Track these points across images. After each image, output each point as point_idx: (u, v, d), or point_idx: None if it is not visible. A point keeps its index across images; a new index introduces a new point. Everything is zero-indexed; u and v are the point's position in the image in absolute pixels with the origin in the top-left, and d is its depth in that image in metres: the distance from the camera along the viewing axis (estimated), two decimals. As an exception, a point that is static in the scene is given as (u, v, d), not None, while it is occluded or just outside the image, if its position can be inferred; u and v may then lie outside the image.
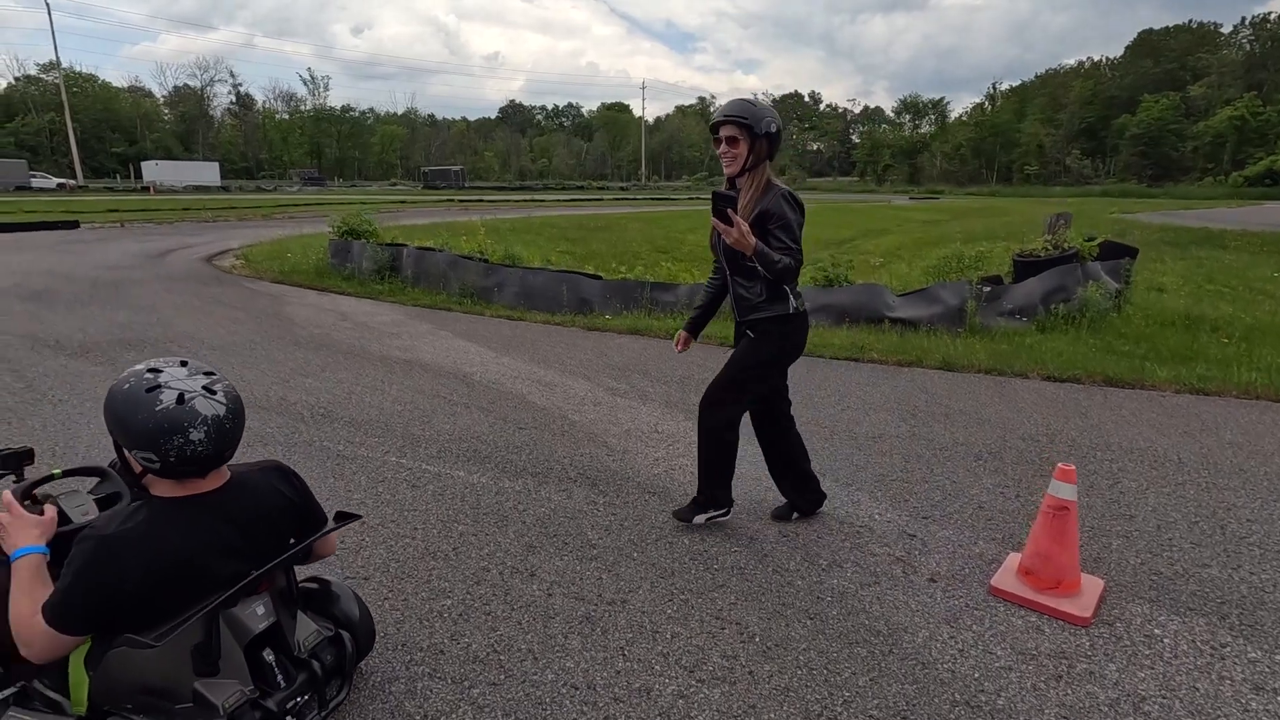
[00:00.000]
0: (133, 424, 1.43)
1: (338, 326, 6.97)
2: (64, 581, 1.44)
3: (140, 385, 1.45)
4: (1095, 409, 4.65)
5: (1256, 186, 48.03)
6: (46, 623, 1.43)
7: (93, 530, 1.48)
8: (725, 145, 2.48)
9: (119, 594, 1.46)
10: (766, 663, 2.05)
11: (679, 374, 5.42)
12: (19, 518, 1.66)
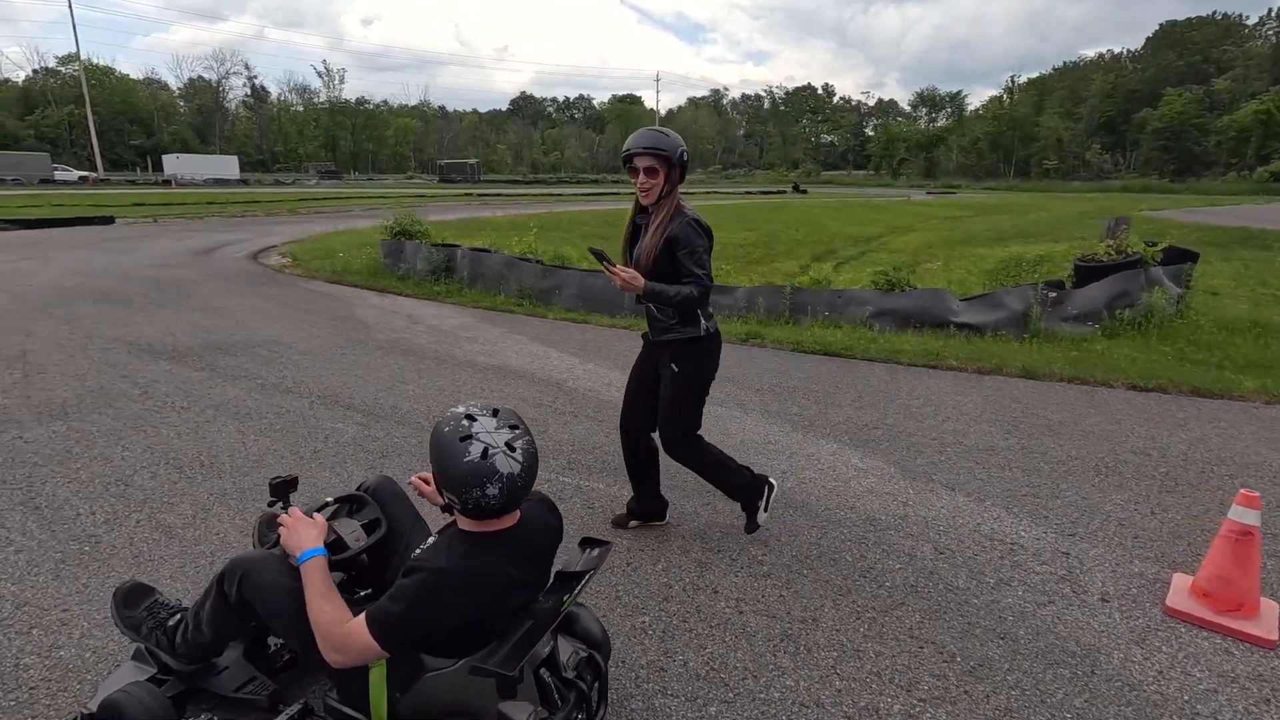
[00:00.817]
0: (444, 467, 1.53)
1: (411, 330, 7.07)
2: (397, 605, 1.53)
3: (456, 432, 1.54)
4: (1192, 421, 4.69)
5: (1281, 182, 47.47)
6: (372, 635, 1.53)
7: (423, 561, 1.57)
8: (644, 176, 2.50)
9: (444, 622, 1.55)
10: (977, 683, 2.13)
11: (767, 382, 5.48)
12: (299, 521, 1.77)
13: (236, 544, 2.87)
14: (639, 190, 2.56)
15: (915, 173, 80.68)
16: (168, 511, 3.13)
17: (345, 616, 1.62)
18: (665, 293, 2.50)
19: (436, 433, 1.56)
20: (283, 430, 4.16)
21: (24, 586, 2.53)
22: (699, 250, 2.55)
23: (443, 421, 1.57)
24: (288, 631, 1.69)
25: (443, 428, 1.56)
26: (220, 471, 3.56)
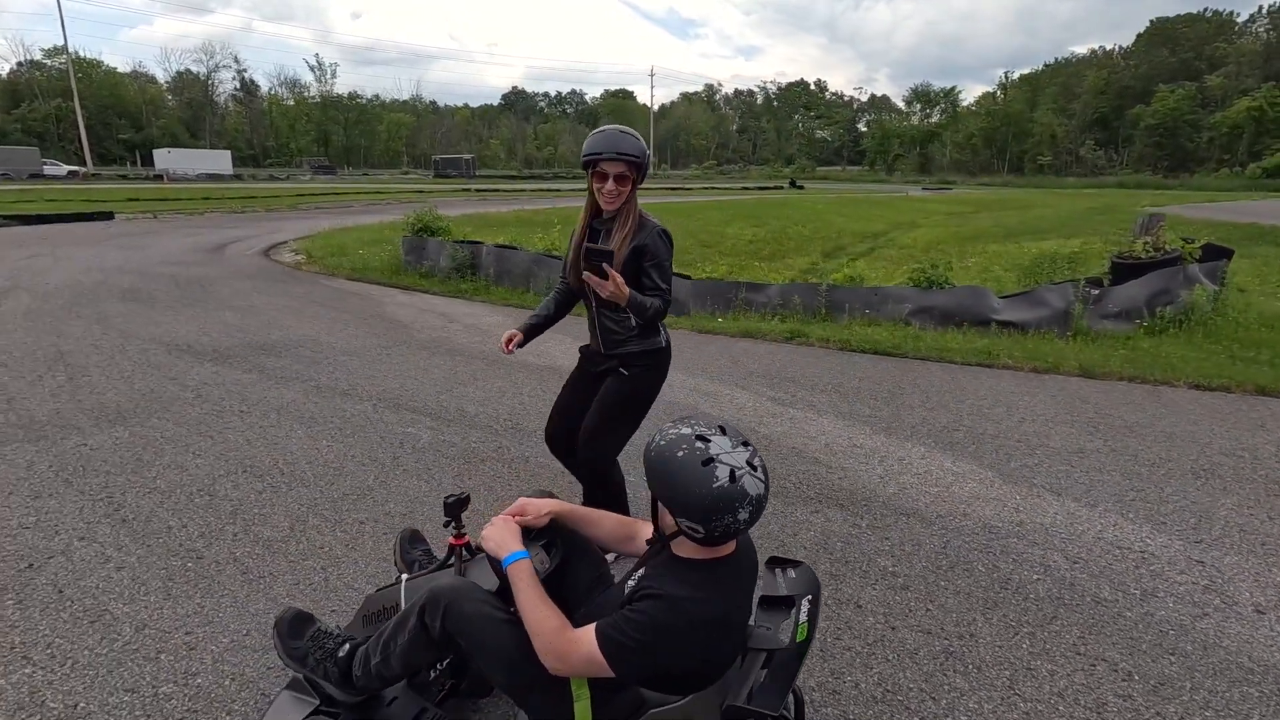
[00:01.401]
0: (687, 495, 1.41)
1: (449, 329, 6.93)
2: (634, 629, 1.43)
3: (695, 456, 1.42)
4: (1269, 421, 4.63)
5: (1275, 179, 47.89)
6: (601, 651, 1.44)
7: (658, 588, 1.46)
8: (613, 183, 2.28)
9: (682, 653, 1.44)
10: (1166, 704, 2.04)
11: (828, 382, 5.39)
12: (504, 525, 1.67)
13: (344, 558, 2.74)
14: (603, 197, 2.33)
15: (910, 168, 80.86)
16: (261, 524, 2.99)
17: (565, 622, 1.52)
18: (644, 305, 2.32)
19: (666, 458, 1.44)
20: (354, 435, 4.03)
21: (137, 607, 2.40)
22: (666, 265, 2.39)
23: (669, 445, 1.45)
24: (496, 663, 1.58)
25: (674, 452, 1.44)
26: (303, 480, 3.43)
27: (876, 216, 25.28)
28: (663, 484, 1.44)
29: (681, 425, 1.49)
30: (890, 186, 59.59)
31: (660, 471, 1.44)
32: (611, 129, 2.32)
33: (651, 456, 1.46)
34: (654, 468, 1.45)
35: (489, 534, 1.69)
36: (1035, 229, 20.31)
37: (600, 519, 1.90)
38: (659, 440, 1.47)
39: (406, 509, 3.17)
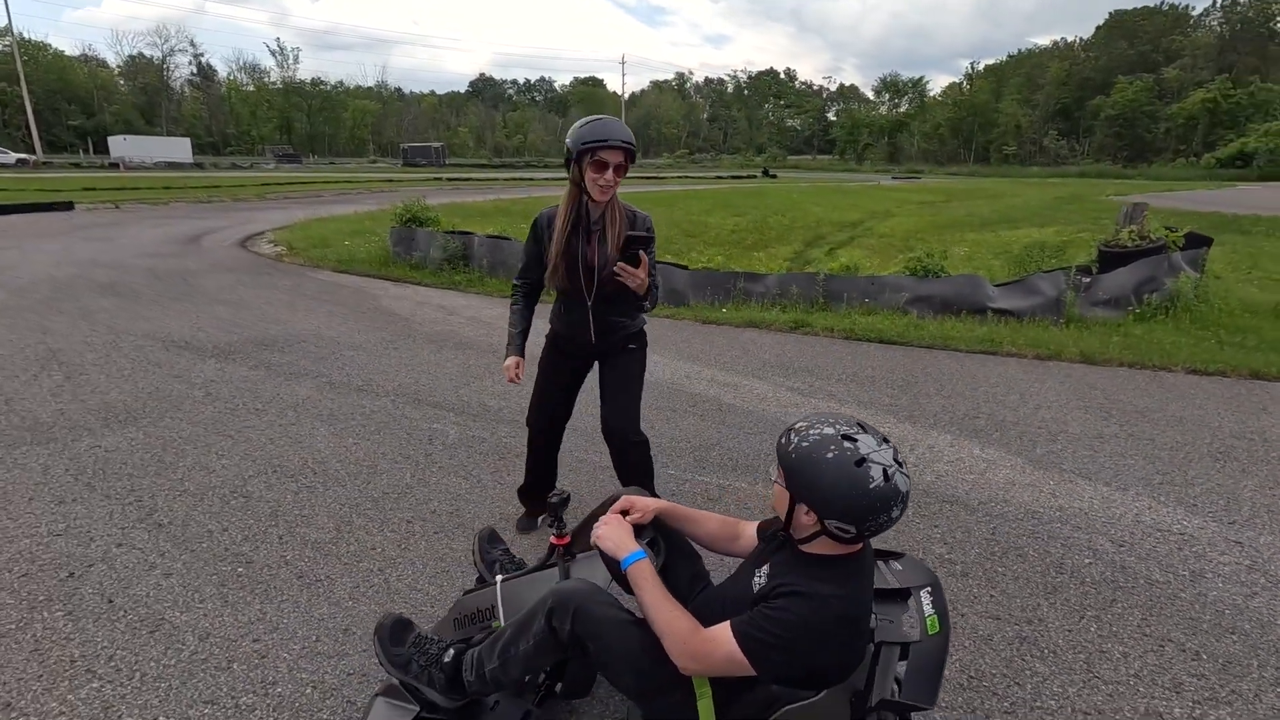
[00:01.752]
0: (841, 496, 1.39)
1: (451, 322, 6.82)
2: (778, 627, 1.41)
3: (846, 457, 1.40)
4: (1271, 405, 4.80)
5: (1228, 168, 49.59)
6: (741, 650, 1.42)
7: (800, 586, 1.44)
8: (612, 172, 2.24)
9: (826, 651, 1.44)
10: (1238, 681, 2.11)
11: (842, 371, 5.43)
12: (618, 524, 1.65)
13: (399, 559, 2.69)
14: (599, 187, 2.26)
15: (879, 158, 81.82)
16: (305, 525, 2.91)
17: (696, 622, 1.51)
18: (657, 288, 2.38)
19: (814, 459, 1.41)
20: (378, 432, 3.94)
21: (195, 615, 2.32)
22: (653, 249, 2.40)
23: (815, 446, 1.43)
24: (624, 665, 1.56)
25: (823, 453, 1.41)
26: (338, 479, 3.34)
27: (851, 205, 25.53)
28: (809, 485, 1.42)
29: (822, 425, 1.46)
30: (861, 175, 60.22)
31: (807, 473, 1.42)
32: (604, 118, 2.28)
33: (794, 459, 1.44)
34: (799, 469, 1.43)
35: (605, 534, 1.66)
36: (1009, 218, 20.71)
37: (704, 518, 1.88)
38: (799, 441, 1.45)
39: (451, 507, 3.11)
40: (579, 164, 2.26)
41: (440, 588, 2.51)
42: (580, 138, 2.23)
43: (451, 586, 2.52)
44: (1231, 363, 5.69)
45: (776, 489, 1.53)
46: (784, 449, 1.47)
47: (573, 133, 2.28)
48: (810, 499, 1.42)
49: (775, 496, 1.54)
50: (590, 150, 2.22)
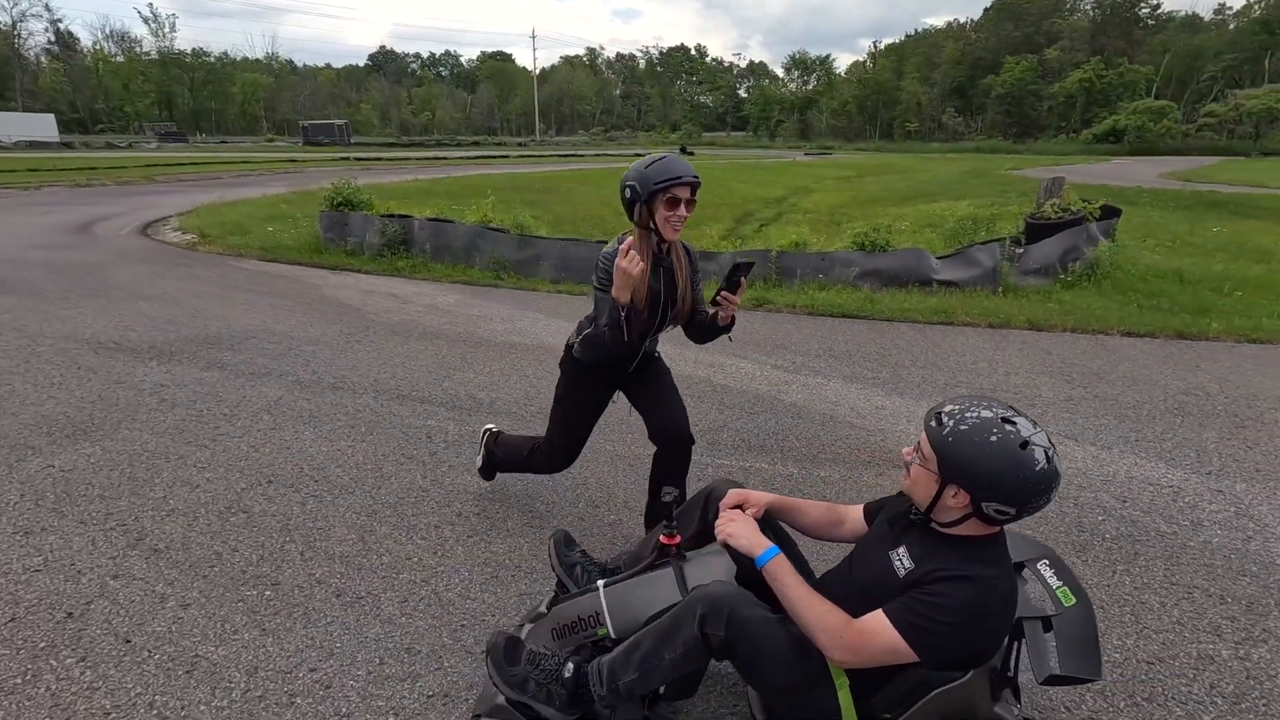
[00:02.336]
0: (1006, 479, 1.39)
1: (407, 311, 6.49)
2: (941, 612, 1.41)
3: (1010, 440, 1.40)
4: (1202, 362, 5.26)
5: (1103, 144, 53.86)
6: (903, 637, 1.42)
7: (961, 570, 1.44)
8: (684, 209, 2.22)
9: (989, 633, 1.45)
10: (1265, 619, 2.31)
11: (816, 347, 5.55)
12: (746, 521, 1.61)
13: (440, 567, 2.54)
14: (671, 224, 2.23)
15: (791, 134, 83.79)
16: (324, 538, 2.70)
17: (845, 613, 1.49)
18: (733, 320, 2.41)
19: (976, 443, 1.40)
20: (371, 432, 3.70)
21: (233, 648, 2.10)
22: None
23: (976, 430, 1.41)
24: (772, 667, 1.51)
25: (985, 436, 1.41)
26: (344, 486, 3.12)
27: (773, 182, 26.02)
28: (970, 469, 1.41)
29: (977, 407, 1.46)
30: (775, 152, 61.48)
31: (968, 457, 1.41)
32: (667, 156, 2.27)
33: (953, 443, 1.43)
34: (958, 453, 1.42)
35: (736, 531, 1.61)
36: (924, 192, 21.67)
37: (808, 507, 1.87)
38: (956, 425, 1.44)
39: (476, 508, 2.97)
40: (648, 205, 2.21)
41: (494, 594, 2.39)
42: (650, 178, 2.19)
43: (505, 593, 2.40)
44: (1157, 325, 6.20)
45: (917, 472, 1.52)
46: (937, 433, 1.46)
47: (638, 176, 2.21)
48: (969, 483, 1.42)
49: (914, 480, 1.53)
50: (664, 189, 2.18)
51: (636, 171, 2.22)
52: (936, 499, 1.50)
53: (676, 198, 2.21)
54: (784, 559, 1.57)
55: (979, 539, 1.51)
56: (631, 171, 2.24)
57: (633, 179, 2.22)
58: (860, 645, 1.45)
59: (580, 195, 18.33)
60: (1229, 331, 6.03)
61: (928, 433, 1.50)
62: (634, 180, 2.21)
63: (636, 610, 1.73)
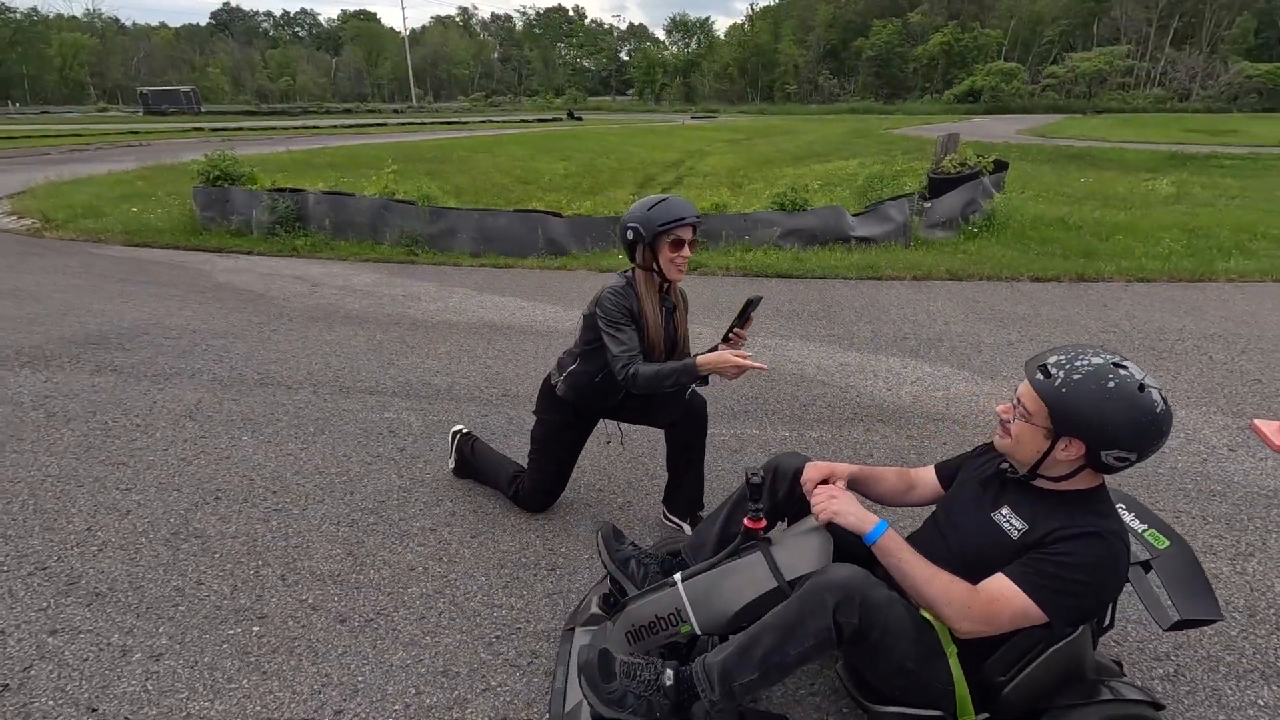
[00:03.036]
0: (1129, 426, 1.35)
1: (323, 294, 5.91)
2: (1074, 571, 1.37)
3: (1127, 383, 1.36)
4: (1109, 301, 5.71)
5: (963, 103, 57.78)
6: (1035, 601, 1.38)
7: (1088, 526, 1.40)
8: (688, 249, 2.21)
9: (1116, 583, 1.43)
10: (1244, 534, 2.50)
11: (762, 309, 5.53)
12: (847, 496, 1.53)
13: (450, 575, 2.29)
14: (676, 266, 2.21)
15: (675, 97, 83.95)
16: (304, 557, 2.37)
17: (967, 583, 1.44)
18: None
19: (1094, 390, 1.35)
20: (321, 431, 3.31)
21: (232, 699, 1.79)
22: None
23: (1091, 377, 1.36)
24: (901, 649, 1.42)
25: (1103, 383, 1.36)
26: (310, 494, 2.76)
27: (667, 145, 26.06)
28: (1088, 419, 1.36)
29: (1085, 355, 1.41)
30: (662, 116, 61.39)
31: (1086, 406, 1.36)
32: (668, 197, 2.20)
33: (1068, 394, 1.37)
34: (1076, 403, 1.37)
35: (843, 508, 1.51)
36: (814, 152, 22.38)
37: (883, 474, 1.79)
38: (1068, 375, 1.39)
39: (470, 505, 2.71)
40: (652, 246, 2.19)
41: (520, 598, 2.19)
42: (655, 220, 2.15)
43: (532, 595, 2.20)
44: (1059, 269, 6.68)
45: (1021, 429, 1.47)
46: (1048, 386, 1.41)
47: (640, 218, 2.17)
48: (1088, 432, 1.38)
49: (1017, 438, 1.48)
50: (667, 230, 2.15)
51: (639, 213, 2.18)
52: (1046, 454, 1.45)
53: (681, 239, 2.19)
54: (895, 533, 1.48)
55: (1088, 492, 1.48)
56: (633, 213, 2.20)
57: (635, 220, 2.18)
58: (990, 615, 1.40)
59: (478, 164, 17.53)
60: (1119, 273, 6.59)
61: (1035, 386, 1.44)
62: (636, 222, 2.17)
63: (724, 603, 1.60)
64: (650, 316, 2.26)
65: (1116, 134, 26.55)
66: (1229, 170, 15.60)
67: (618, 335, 2.21)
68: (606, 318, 2.22)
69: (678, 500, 2.53)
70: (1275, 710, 1.78)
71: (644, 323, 2.25)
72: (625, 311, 2.23)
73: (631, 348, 2.21)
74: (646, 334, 2.26)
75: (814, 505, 1.56)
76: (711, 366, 2.09)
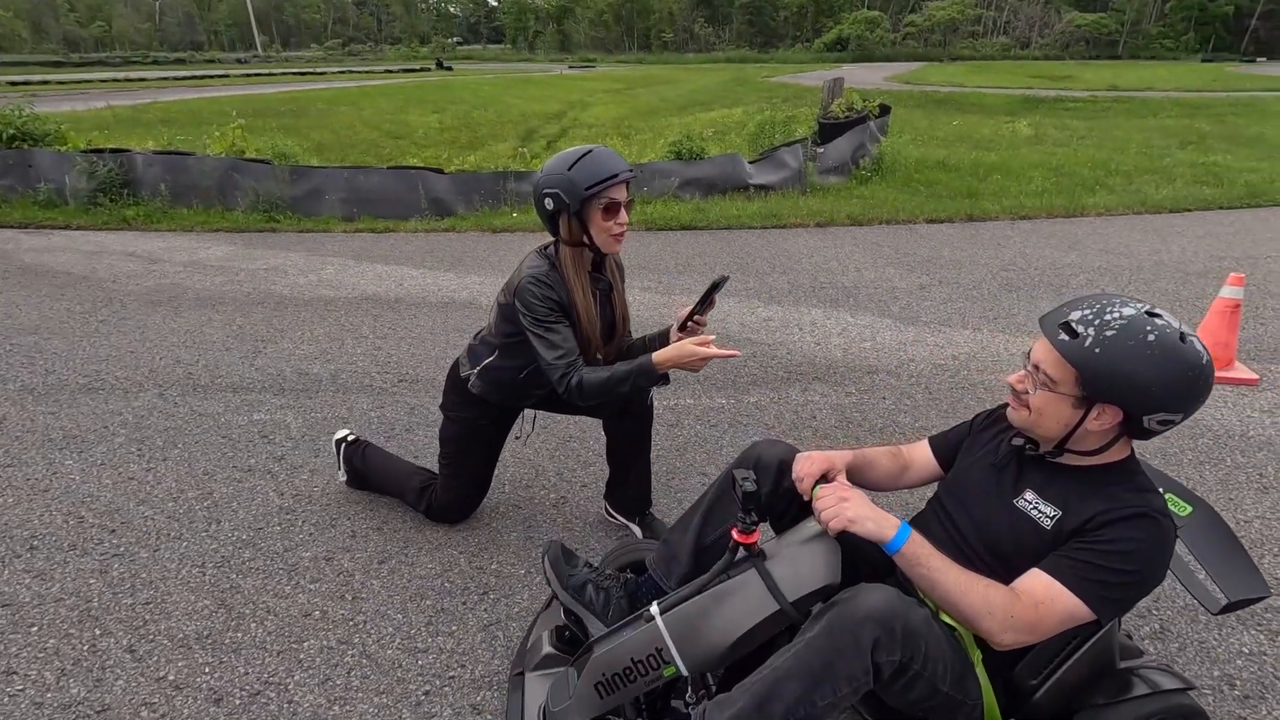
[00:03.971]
0: (1177, 382, 1.15)
1: (164, 273, 5.01)
2: (1125, 561, 1.18)
3: (1168, 336, 1.15)
4: (1001, 240, 5.87)
5: (832, 51, 59.38)
6: (1082, 600, 1.18)
7: (1137, 506, 1.20)
8: (624, 212, 1.78)
9: (1165, 566, 1.25)
10: (1213, 469, 2.51)
11: (672, 263, 5.27)
12: (861, 498, 1.26)
13: (358, 618, 1.87)
14: (614, 235, 1.78)
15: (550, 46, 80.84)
16: (160, 616, 1.86)
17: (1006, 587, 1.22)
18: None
19: (1132, 347, 1.13)
20: (172, 445, 2.70)
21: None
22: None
23: (1128, 331, 1.15)
24: (939, 678, 1.19)
25: (1142, 336, 1.14)
26: (162, 532, 2.21)
27: (547, 96, 24.97)
28: (1129, 380, 1.15)
29: (1115, 306, 1.19)
30: (539, 66, 58.96)
31: (1125, 366, 1.14)
32: (592, 149, 1.75)
33: (1102, 354, 1.15)
34: (1113, 364, 1.14)
35: (859, 514, 1.23)
36: (698, 101, 22.14)
37: (876, 458, 1.55)
38: (1101, 332, 1.16)
39: (374, 522, 2.27)
40: (580, 216, 1.73)
41: (453, 638, 1.81)
42: (577, 182, 1.70)
43: (464, 631, 1.83)
44: (950, 210, 6.83)
45: (1044, 401, 1.24)
46: (1076, 347, 1.18)
47: (559, 180, 1.71)
48: (1128, 396, 1.17)
49: (1039, 411, 1.26)
50: (597, 193, 1.70)
51: (557, 174, 1.72)
52: (1077, 427, 1.24)
53: (615, 201, 1.74)
54: (920, 536, 1.24)
55: (1121, 464, 1.29)
56: (549, 175, 1.74)
57: (554, 185, 1.72)
58: (1035, 621, 1.19)
59: (340, 118, 16.01)
60: (1003, 212, 6.83)
61: (1060, 349, 1.20)
62: (555, 187, 1.72)
63: (716, 635, 1.31)
64: (582, 305, 1.82)
65: (973, 80, 28.11)
66: (1074, 112, 16.86)
67: (548, 338, 1.77)
68: (532, 317, 1.78)
69: (623, 497, 2.20)
70: (1260, 656, 1.75)
71: (575, 314, 1.82)
72: (553, 306, 1.78)
73: (568, 351, 1.78)
74: (579, 327, 1.83)
75: (820, 511, 1.28)
76: (673, 363, 1.70)
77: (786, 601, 1.28)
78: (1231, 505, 2.32)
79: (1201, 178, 8.35)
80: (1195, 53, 51.90)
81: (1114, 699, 1.33)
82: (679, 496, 2.41)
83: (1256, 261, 5.15)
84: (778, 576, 1.32)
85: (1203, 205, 7.14)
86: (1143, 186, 7.92)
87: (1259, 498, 2.37)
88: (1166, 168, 8.98)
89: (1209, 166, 9.03)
